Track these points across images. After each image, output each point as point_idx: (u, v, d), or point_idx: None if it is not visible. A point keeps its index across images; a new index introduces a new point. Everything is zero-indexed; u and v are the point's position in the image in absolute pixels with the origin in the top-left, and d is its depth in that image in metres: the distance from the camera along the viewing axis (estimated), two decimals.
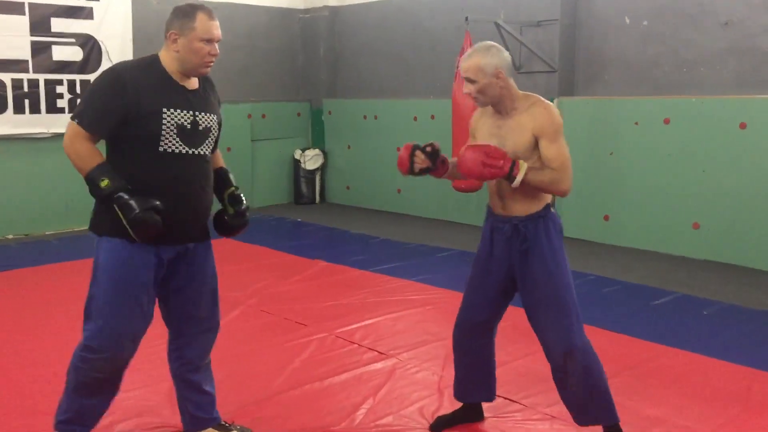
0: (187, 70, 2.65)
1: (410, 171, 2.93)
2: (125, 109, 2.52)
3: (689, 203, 6.39)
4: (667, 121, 6.47)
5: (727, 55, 6.29)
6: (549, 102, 2.81)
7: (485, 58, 2.72)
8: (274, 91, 9.55)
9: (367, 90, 9.30)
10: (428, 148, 2.90)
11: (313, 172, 9.52)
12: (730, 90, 6.25)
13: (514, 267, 2.88)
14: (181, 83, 2.66)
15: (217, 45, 2.66)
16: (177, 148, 2.62)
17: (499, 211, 2.90)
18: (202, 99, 2.72)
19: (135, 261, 2.59)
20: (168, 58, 2.65)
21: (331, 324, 4.52)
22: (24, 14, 7.14)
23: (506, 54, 2.78)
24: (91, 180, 2.52)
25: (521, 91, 2.84)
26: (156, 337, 3.00)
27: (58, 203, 7.56)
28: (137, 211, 2.48)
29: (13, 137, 7.24)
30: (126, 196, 2.50)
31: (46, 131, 7.40)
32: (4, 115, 7.13)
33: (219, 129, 2.85)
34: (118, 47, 7.67)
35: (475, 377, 3.12)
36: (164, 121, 2.57)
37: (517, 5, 7.47)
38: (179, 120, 2.61)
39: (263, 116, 9.23)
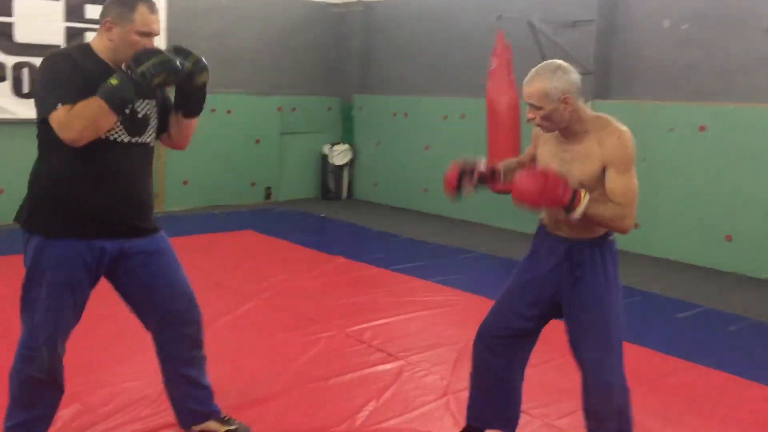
0: (119, 61, 2.50)
1: (457, 196, 2.76)
2: (85, 82, 2.40)
3: (723, 214, 6.17)
4: (702, 129, 6.27)
5: (767, 63, 6.06)
6: (623, 128, 2.52)
7: (551, 81, 2.46)
8: (305, 85, 9.51)
9: (397, 86, 9.22)
10: (477, 175, 2.71)
11: (341, 167, 9.46)
12: None
13: (561, 292, 2.65)
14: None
15: (154, 39, 2.52)
16: (119, 136, 2.52)
17: (553, 231, 2.68)
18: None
19: (69, 259, 2.50)
20: (101, 47, 2.52)
21: (342, 322, 4.45)
22: (59, 0, 7.21)
23: (574, 75, 2.51)
24: (111, 96, 2.36)
25: (593, 113, 2.58)
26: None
27: None
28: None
29: None
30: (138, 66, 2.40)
31: None
32: None
33: (167, 111, 2.73)
34: None
35: (493, 401, 2.83)
36: None
37: (553, 5, 7.31)
38: None
39: (293, 110, 9.21)
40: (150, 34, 2.49)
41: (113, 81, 2.38)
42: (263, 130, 8.93)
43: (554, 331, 4.55)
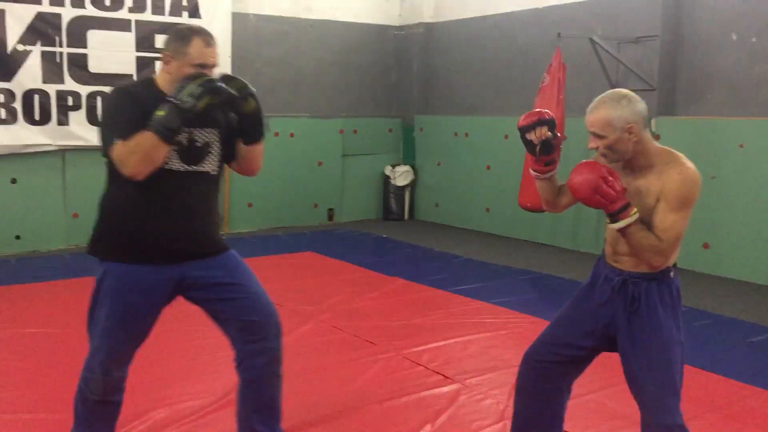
0: None
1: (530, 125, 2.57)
2: (144, 118, 2.47)
3: None
4: None
5: None
6: (689, 164, 2.40)
7: (615, 110, 2.37)
8: (366, 107, 9.62)
9: (458, 107, 9.22)
10: (545, 134, 2.54)
11: (402, 188, 9.49)
12: None
13: (616, 325, 2.54)
14: None
15: (214, 71, 2.58)
16: (174, 165, 2.58)
17: (611, 262, 2.59)
18: (201, 114, 2.55)
19: (129, 284, 2.58)
20: (162, 80, 2.60)
21: (400, 344, 4.44)
22: (130, 31, 7.52)
23: (641, 105, 2.42)
24: (159, 127, 2.42)
25: (660, 146, 2.47)
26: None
27: None
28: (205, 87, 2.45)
29: None
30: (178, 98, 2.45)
31: None
32: None
33: (233, 139, 2.75)
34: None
35: (537, 426, 2.75)
36: None
37: (615, 21, 7.20)
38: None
39: (355, 131, 9.31)
40: (205, 66, 2.54)
41: (160, 112, 2.44)
42: (325, 152, 9.05)
43: (615, 356, 4.43)
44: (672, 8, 6.86)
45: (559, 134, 2.60)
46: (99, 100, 7.36)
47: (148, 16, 7.58)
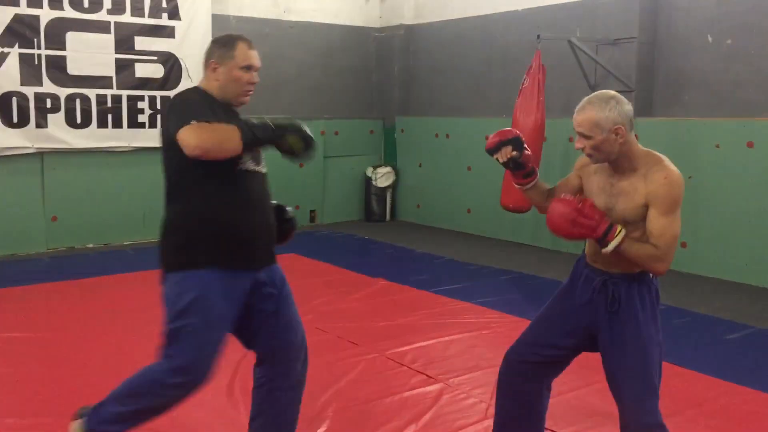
0: (228, 99, 2.64)
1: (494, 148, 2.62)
2: (213, 117, 2.49)
3: None
4: (750, 145, 6.13)
5: None
6: (673, 168, 2.45)
7: (602, 111, 2.41)
8: (347, 109, 9.64)
9: (439, 108, 9.26)
10: (513, 153, 2.58)
11: (384, 189, 9.52)
12: None
13: (597, 326, 2.58)
14: (231, 108, 2.68)
15: (256, 74, 2.64)
16: (250, 165, 2.61)
17: (592, 263, 2.62)
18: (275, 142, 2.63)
19: (228, 292, 2.54)
20: (209, 86, 2.64)
21: (383, 344, 4.46)
22: (110, 33, 7.47)
23: (628, 107, 2.46)
24: (246, 128, 2.45)
25: (645, 149, 2.51)
26: None
27: (137, 214, 7.84)
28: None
29: (95, 150, 7.55)
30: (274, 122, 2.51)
31: (127, 145, 7.70)
32: (89, 128, 7.46)
33: None
34: (197, 65, 7.85)
35: (518, 425, 2.78)
36: None
37: (593, 23, 7.28)
38: None
39: (336, 133, 9.32)
40: (251, 68, 2.63)
41: (254, 120, 2.50)
42: None
43: (596, 355, 4.48)
44: (649, 11, 6.95)
45: (527, 149, 2.63)
46: (78, 102, 7.32)
47: (127, 17, 7.54)
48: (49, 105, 7.20)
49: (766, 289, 6.00)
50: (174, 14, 7.83)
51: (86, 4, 7.30)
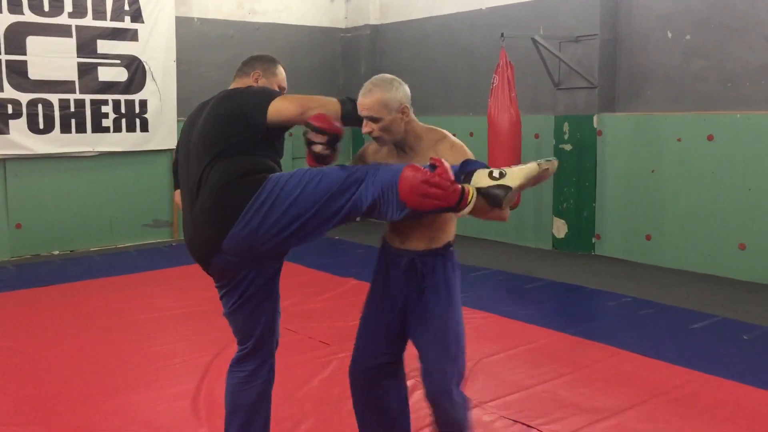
0: None
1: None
2: None
3: (735, 223, 6.15)
4: (710, 138, 6.26)
5: None
6: (456, 139, 2.59)
7: (389, 92, 2.46)
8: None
9: None
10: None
11: None
12: None
13: (409, 304, 2.64)
14: None
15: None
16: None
17: (396, 245, 2.66)
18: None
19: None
20: None
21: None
22: (71, 36, 7.38)
23: (407, 88, 2.55)
24: (347, 102, 2.60)
25: (426, 125, 2.61)
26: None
27: (103, 220, 7.75)
28: None
29: (59, 156, 7.45)
30: None
31: (91, 150, 7.61)
32: (52, 134, 7.35)
33: None
34: (161, 67, 7.85)
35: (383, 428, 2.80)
36: None
37: (556, 21, 7.38)
38: None
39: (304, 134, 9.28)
40: (284, 89, 2.99)
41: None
42: None
43: (565, 347, 4.54)
44: (609, 8, 7.06)
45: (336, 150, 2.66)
46: (40, 108, 7.22)
47: (89, 21, 7.45)
48: (10, 111, 7.08)
49: (728, 278, 6.14)
50: (137, 17, 7.75)
51: (46, 8, 7.20)
